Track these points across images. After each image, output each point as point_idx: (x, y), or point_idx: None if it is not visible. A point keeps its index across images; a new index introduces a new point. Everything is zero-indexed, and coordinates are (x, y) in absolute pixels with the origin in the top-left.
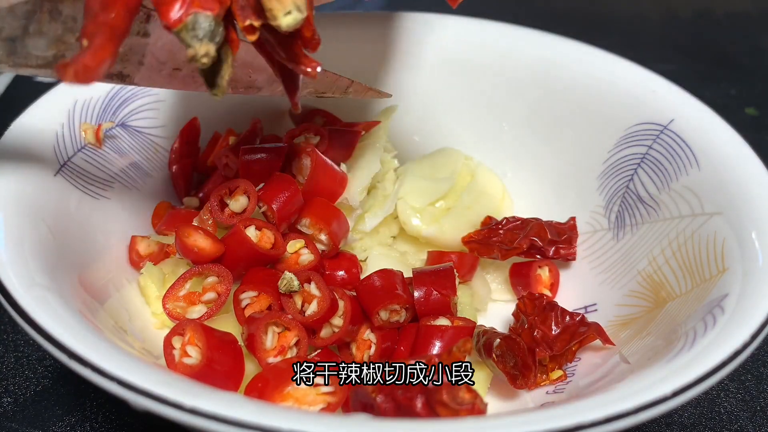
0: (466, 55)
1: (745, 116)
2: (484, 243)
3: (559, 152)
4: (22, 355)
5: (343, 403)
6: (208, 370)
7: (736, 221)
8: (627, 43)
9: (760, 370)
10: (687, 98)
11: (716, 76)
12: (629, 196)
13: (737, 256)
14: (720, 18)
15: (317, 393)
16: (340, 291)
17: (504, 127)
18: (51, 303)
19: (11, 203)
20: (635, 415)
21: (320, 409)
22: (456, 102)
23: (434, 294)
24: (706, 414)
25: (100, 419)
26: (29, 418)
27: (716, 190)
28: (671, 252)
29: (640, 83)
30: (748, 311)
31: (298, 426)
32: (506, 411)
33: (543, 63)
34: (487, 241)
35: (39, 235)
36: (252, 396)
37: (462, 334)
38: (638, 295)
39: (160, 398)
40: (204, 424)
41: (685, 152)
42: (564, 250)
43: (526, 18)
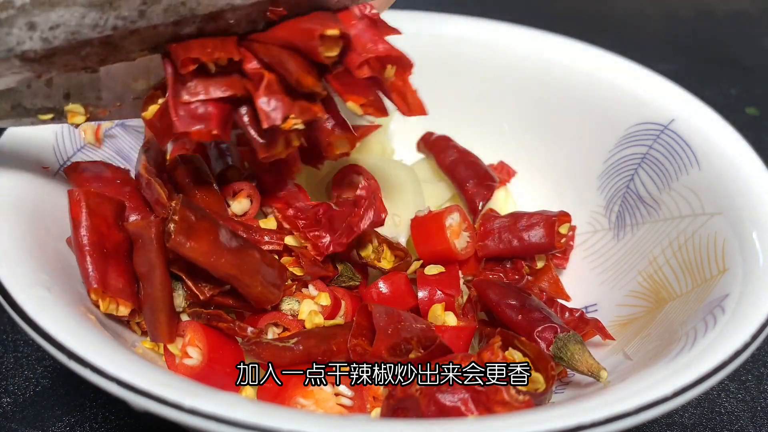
0: (466, 55)
1: (746, 116)
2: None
3: (560, 152)
4: (22, 356)
5: (362, 409)
6: (209, 370)
7: (736, 221)
8: (627, 43)
9: (760, 371)
10: (687, 98)
11: (717, 75)
12: (630, 196)
13: (738, 256)
14: (720, 18)
15: (336, 401)
16: (341, 291)
17: (504, 126)
18: (50, 303)
19: (11, 203)
20: (636, 415)
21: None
22: (456, 102)
23: (438, 294)
24: (707, 414)
25: (99, 419)
26: (29, 418)
27: (717, 190)
28: (672, 252)
29: (640, 83)
30: (748, 311)
31: (297, 426)
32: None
33: (543, 63)
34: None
35: (39, 235)
36: (265, 397)
37: (462, 334)
38: (639, 296)
39: (160, 399)
40: (203, 425)
41: (685, 152)
42: (557, 260)
43: (527, 18)
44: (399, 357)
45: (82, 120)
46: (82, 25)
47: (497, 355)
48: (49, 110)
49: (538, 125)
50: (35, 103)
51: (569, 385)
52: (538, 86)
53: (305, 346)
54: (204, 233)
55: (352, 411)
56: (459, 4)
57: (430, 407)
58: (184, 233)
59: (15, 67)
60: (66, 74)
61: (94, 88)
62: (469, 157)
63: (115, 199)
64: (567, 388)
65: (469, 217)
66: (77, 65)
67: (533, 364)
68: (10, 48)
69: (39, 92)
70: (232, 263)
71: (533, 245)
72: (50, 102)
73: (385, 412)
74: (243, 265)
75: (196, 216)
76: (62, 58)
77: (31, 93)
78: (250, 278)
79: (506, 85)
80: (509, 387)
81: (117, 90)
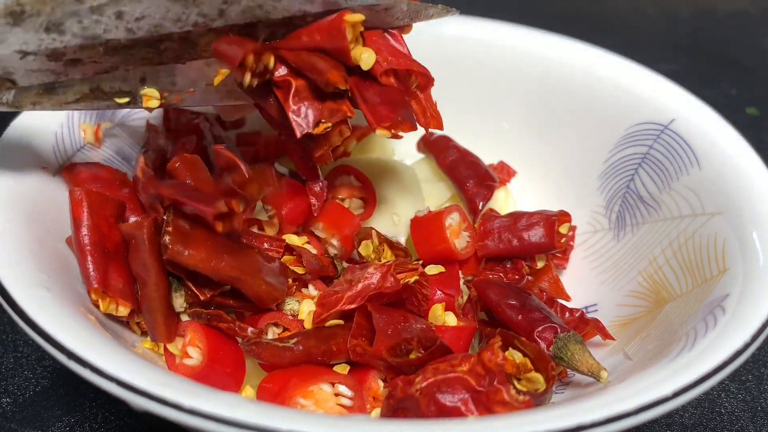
0: (466, 55)
1: (746, 116)
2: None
3: (560, 152)
4: (22, 356)
5: (362, 410)
6: (209, 370)
7: (736, 221)
8: (627, 43)
9: (761, 371)
10: (688, 98)
11: (717, 75)
12: (630, 196)
13: (738, 256)
14: (721, 17)
15: (336, 401)
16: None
17: (504, 126)
18: (50, 303)
19: (11, 203)
20: (636, 415)
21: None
22: (456, 101)
23: (438, 294)
24: (707, 414)
25: (99, 420)
26: (28, 418)
27: (717, 190)
28: (672, 252)
29: (640, 83)
30: (748, 312)
31: (297, 426)
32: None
33: (544, 62)
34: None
35: (38, 235)
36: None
37: (462, 334)
38: (639, 296)
39: (160, 399)
40: (203, 425)
41: (685, 152)
42: (557, 260)
43: (527, 18)
44: (399, 357)
45: (157, 104)
46: (166, 18)
47: (497, 355)
48: (126, 93)
49: (538, 125)
50: (113, 86)
51: (569, 385)
52: (538, 86)
53: (305, 347)
54: (200, 239)
55: (352, 411)
56: (459, 4)
57: (430, 407)
58: (181, 242)
59: (98, 55)
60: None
61: (170, 74)
62: (469, 157)
63: (117, 199)
64: (567, 388)
65: (469, 217)
66: (153, 59)
67: (533, 364)
68: (96, 35)
69: (117, 76)
70: (232, 265)
71: (533, 245)
72: (127, 86)
73: (385, 412)
74: (244, 266)
75: (190, 223)
76: (141, 51)
77: (109, 76)
78: (253, 278)
79: (506, 85)
80: (509, 387)
81: (191, 76)
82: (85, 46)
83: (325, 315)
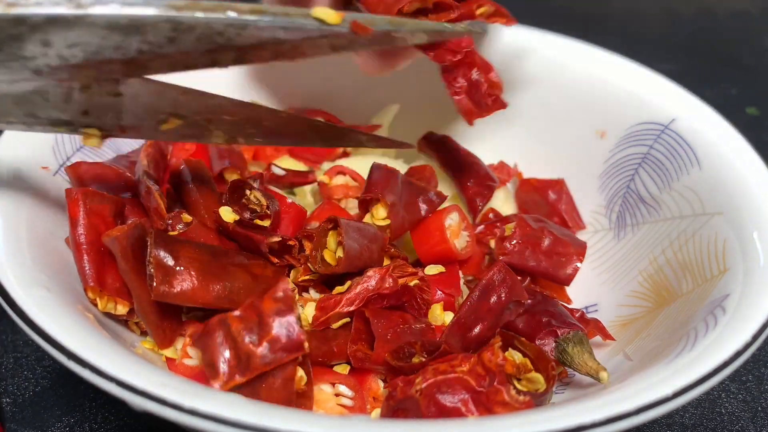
0: None
1: (746, 116)
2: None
3: (560, 152)
4: (21, 356)
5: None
6: None
7: (737, 221)
8: (627, 43)
9: (761, 371)
10: (688, 98)
11: (717, 75)
12: (630, 196)
13: (738, 256)
14: (721, 17)
15: (336, 402)
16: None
17: (504, 126)
18: (50, 303)
19: (10, 203)
20: (636, 415)
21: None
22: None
23: (438, 294)
24: (707, 415)
25: (99, 420)
26: (28, 418)
27: (717, 190)
28: (672, 252)
29: (640, 83)
30: (749, 312)
31: (297, 426)
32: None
33: (543, 62)
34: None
35: (38, 235)
36: None
37: None
38: (639, 296)
39: (159, 399)
40: (203, 425)
41: (686, 152)
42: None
43: (526, 17)
44: (402, 361)
45: (97, 142)
46: (104, 46)
47: (497, 356)
48: (64, 123)
49: (538, 125)
50: (50, 114)
51: (570, 385)
52: (538, 86)
53: None
54: (185, 272)
55: (352, 411)
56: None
57: (430, 408)
58: (166, 282)
59: (28, 76)
60: (86, 93)
61: (116, 110)
62: (469, 157)
63: (114, 197)
64: (567, 388)
65: (468, 217)
66: (100, 78)
67: (533, 364)
68: (23, 58)
69: (56, 106)
70: (222, 295)
71: (549, 275)
72: (66, 115)
73: (385, 412)
74: (233, 293)
75: (173, 254)
76: (82, 72)
77: (46, 105)
78: (246, 300)
79: (506, 85)
80: (509, 387)
81: (139, 114)
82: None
83: (323, 318)
